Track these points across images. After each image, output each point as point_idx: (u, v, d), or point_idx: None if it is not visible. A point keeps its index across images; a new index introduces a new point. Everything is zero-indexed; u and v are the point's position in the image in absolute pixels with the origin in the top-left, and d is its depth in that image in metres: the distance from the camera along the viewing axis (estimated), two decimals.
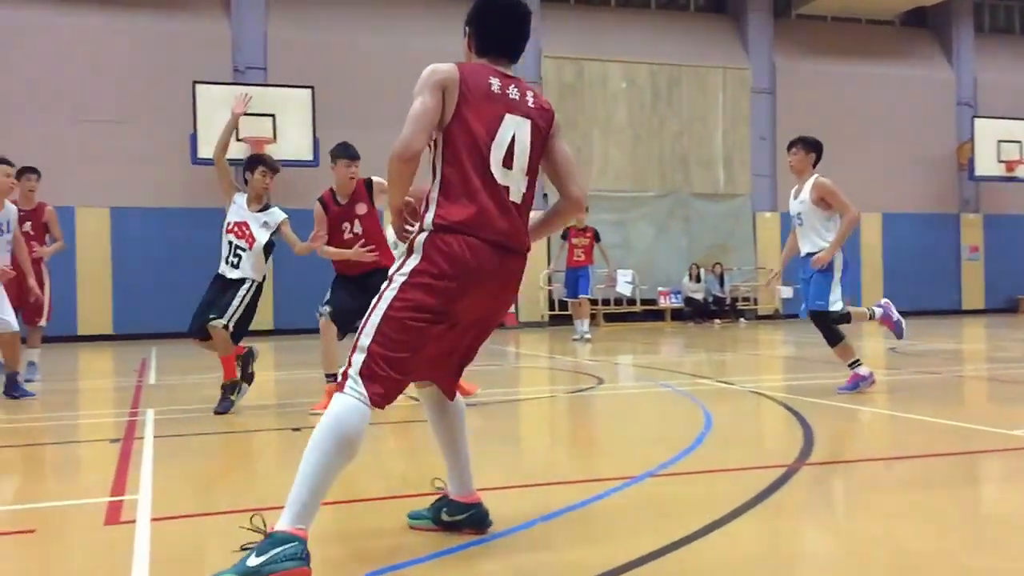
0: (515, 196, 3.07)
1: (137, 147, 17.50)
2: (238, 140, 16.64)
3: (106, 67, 17.56)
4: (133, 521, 3.54)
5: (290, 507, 2.71)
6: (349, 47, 18.65)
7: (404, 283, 2.94)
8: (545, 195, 20.15)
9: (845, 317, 7.23)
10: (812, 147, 7.36)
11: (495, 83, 3.08)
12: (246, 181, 6.97)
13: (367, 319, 2.94)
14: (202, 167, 16.68)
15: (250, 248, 6.87)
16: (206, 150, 16.61)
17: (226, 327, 6.63)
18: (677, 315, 20.82)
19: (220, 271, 6.90)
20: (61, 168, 16.47)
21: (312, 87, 17.78)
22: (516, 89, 3.13)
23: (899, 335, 7.55)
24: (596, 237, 14.89)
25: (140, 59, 17.72)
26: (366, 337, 2.90)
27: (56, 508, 3.99)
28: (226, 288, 6.80)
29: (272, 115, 17.54)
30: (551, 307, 19.72)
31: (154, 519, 3.57)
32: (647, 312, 20.67)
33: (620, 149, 20.87)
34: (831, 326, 7.22)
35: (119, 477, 4.45)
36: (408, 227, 3.11)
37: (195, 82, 17.00)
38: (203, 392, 8.34)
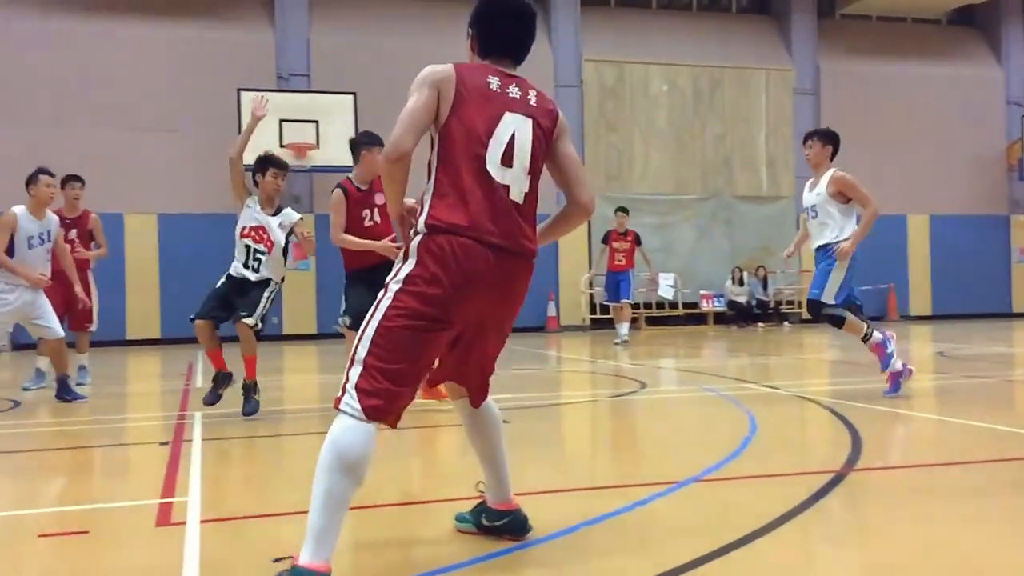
0: (516, 195, 2.97)
1: (184, 154, 17.78)
2: (281, 147, 16.84)
3: (153, 76, 17.86)
4: (183, 523, 3.59)
5: (309, 537, 2.63)
6: (391, 53, 18.79)
7: (398, 291, 2.85)
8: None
9: (838, 319, 7.01)
10: (829, 139, 7.25)
11: (494, 82, 3.01)
12: (256, 183, 6.90)
13: (363, 330, 2.85)
14: (246, 173, 16.90)
15: (270, 252, 6.83)
16: (251, 156, 16.81)
17: (254, 326, 6.66)
18: (720, 319, 20.66)
19: (237, 274, 6.82)
20: (110, 175, 16.78)
21: (354, 93, 17.94)
22: (517, 88, 3.05)
23: (883, 368, 7.20)
24: (637, 241, 14.82)
25: (186, 67, 18.01)
26: (362, 349, 2.81)
27: (108, 509, 4.06)
28: (247, 288, 6.75)
29: (315, 121, 17.74)
30: (592, 311, 19.66)
31: (203, 521, 3.62)
32: (689, 316, 20.53)
33: (661, 152, 20.77)
34: (832, 314, 7.02)
35: (169, 479, 4.52)
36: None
37: (240, 89, 17.22)
38: None
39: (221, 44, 18.27)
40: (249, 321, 6.62)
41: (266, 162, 6.93)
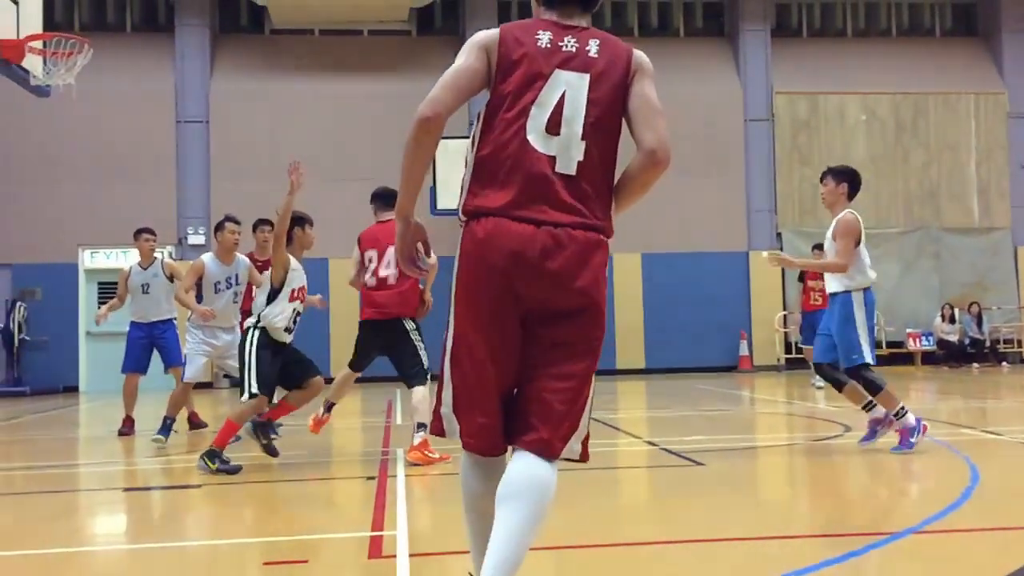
0: (565, 166, 2.53)
1: None
2: None
3: (357, 129, 18.95)
4: (393, 556, 3.73)
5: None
6: None
7: (454, 295, 2.58)
8: (779, 234, 19.55)
9: (870, 377, 6.54)
10: (843, 177, 6.70)
11: (543, 38, 2.60)
12: (290, 240, 6.74)
13: (442, 348, 2.65)
14: (442, 217, 17.55)
15: (303, 308, 6.79)
16: (445, 201, 17.50)
17: None
18: (928, 358, 19.42)
19: (281, 340, 6.52)
20: (319, 223, 17.83)
21: None
22: (574, 40, 2.61)
23: (902, 444, 6.57)
24: None
25: (382, 120, 18.96)
26: (445, 369, 2.60)
27: (324, 540, 4.28)
28: (289, 351, 6.65)
29: None
30: (787, 350, 18.97)
31: (412, 555, 3.74)
32: (894, 355, 19.40)
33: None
34: (869, 377, 6.54)
35: (377, 513, 4.71)
36: (419, 263, 2.66)
37: None
38: None
39: (414, 95, 19.02)
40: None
41: (304, 219, 6.98)
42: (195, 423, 9.11)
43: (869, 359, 6.49)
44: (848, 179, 6.74)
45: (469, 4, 19.38)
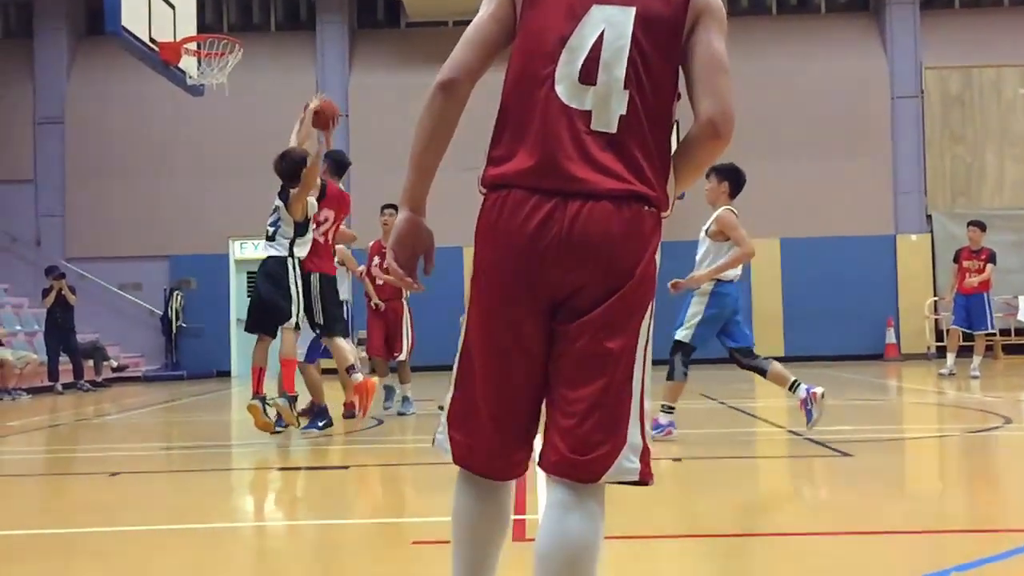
0: (603, 123, 2.08)
1: None
2: None
3: (489, 117, 18.97)
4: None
5: None
6: None
7: (471, 280, 2.18)
8: (929, 216, 18.62)
9: (683, 364, 6.47)
10: (725, 176, 6.58)
11: None
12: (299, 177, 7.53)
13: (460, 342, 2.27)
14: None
15: None
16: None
17: None
18: None
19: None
20: (451, 211, 18.16)
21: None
22: None
23: (808, 421, 6.38)
24: (991, 259, 13.36)
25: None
26: (455, 366, 2.21)
27: None
28: None
29: None
30: (938, 338, 18.07)
31: None
32: None
33: (1018, 162, 18.74)
34: (673, 361, 6.50)
35: (519, 496, 4.76)
36: (415, 279, 2.21)
37: None
38: None
39: None
40: None
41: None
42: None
43: (678, 337, 6.51)
44: (728, 177, 6.70)
45: None
